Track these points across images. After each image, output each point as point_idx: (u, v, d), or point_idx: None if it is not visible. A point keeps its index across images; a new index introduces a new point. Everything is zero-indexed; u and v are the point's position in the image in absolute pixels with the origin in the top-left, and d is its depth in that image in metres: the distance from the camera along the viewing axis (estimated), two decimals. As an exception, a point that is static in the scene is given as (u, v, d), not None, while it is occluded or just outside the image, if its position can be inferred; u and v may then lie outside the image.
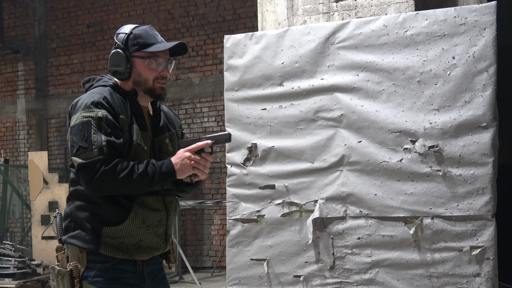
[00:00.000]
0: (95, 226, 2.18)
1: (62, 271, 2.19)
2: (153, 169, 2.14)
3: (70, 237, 2.22)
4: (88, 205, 2.19)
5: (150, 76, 2.27)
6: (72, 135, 2.16)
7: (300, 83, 4.05)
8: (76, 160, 2.12)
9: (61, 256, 2.25)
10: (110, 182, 2.09)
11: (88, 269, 2.19)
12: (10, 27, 10.67)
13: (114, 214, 2.18)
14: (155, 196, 2.26)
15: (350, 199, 3.91)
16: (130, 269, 2.24)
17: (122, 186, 2.11)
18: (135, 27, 2.32)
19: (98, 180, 2.08)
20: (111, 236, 2.17)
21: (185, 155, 2.18)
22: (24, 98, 10.50)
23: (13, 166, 10.16)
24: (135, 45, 2.27)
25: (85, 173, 2.10)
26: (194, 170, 2.19)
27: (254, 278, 4.16)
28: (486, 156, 3.62)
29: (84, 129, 2.13)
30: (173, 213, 2.36)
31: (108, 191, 2.14)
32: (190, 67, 9.12)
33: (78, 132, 2.14)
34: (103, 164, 2.09)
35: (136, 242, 2.21)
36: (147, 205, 2.22)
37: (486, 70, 3.63)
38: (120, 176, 2.09)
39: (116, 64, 2.28)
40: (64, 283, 2.17)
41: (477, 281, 3.63)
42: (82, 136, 2.12)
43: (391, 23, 3.83)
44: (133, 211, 2.19)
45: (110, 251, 2.18)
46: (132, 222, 2.19)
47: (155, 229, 2.26)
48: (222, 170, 8.76)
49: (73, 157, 2.15)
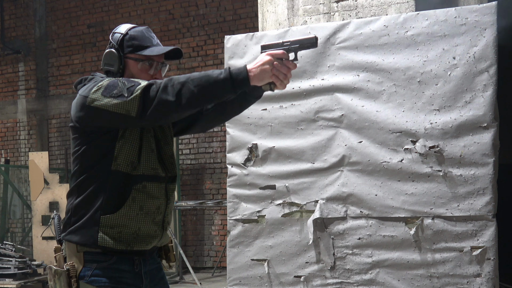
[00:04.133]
0: (94, 216, 2.16)
1: (59, 271, 2.18)
2: (218, 72, 1.98)
3: (68, 233, 2.21)
4: (88, 197, 2.18)
5: (142, 79, 2.23)
6: (106, 91, 2.04)
7: (300, 83, 4.05)
8: (137, 90, 1.99)
9: (59, 257, 2.25)
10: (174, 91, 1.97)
11: (85, 269, 2.18)
12: (11, 27, 10.68)
13: (112, 200, 2.15)
14: (159, 183, 2.24)
15: (351, 199, 3.91)
16: (127, 268, 2.23)
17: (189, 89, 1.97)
18: (131, 28, 2.30)
19: (161, 95, 1.96)
20: (109, 225, 2.16)
21: (265, 59, 1.99)
22: (25, 98, 10.50)
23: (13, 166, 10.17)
24: (129, 47, 2.25)
25: (146, 95, 1.98)
26: (272, 77, 1.99)
27: (254, 279, 4.16)
28: (486, 156, 3.62)
29: (117, 81, 2.07)
30: (172, 201, 2.34)
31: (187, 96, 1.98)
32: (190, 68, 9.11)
33: (111, 88, 2.04)
34: (154, 85, 1.99)
35: (135, 231, 2.20)
36: (147, 191, 2.21)
37: (486, 70, 3.63)
38: (189, 78, 1.98)
39: (109, 64, 2.26)
40: (61, 282, 2.17)
41: (477, 282, 3.63)
42: (122, 84, 2.04)
43: (392, 23, 3.83)
44: (130, 197, 2.17)
45: (108, 242, 2.17)
46: (130, 208, 2.17)
47: (153, 216, 2.24)
48: (223, 171, 8.76)
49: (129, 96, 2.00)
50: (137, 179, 2.18)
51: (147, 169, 2.19)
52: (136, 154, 2.17)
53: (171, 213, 2.38)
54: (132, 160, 2.16)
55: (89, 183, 2.18)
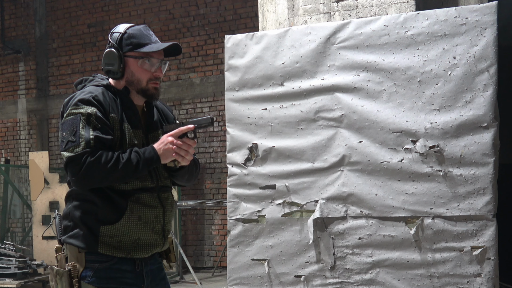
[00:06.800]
0: (93, 225, 2.17)
1: (60, 271, 2.18)
2: (137, 156, 2.15)
3: (69, 237, 2.22)
4: (85, 204, 2.19)
5: (143, 76, 2.27)
6: (62, 131, 2.19)
7: (301, 83, 4.05)
8: (64, 154, 2.14)
9: (60, 257, 2.25)
10: (96, 173, 2.10)
11: (86, 269, 2.18)
12: (11, 27, 10.68)
13: (110, 212, 2.17)
14: (150, 193, 2.26)
15: (351, 199, 3.91)
16: (128, 268, 2.23)
17: (108, 176, 2.11)
18: (130, 27, 2.31)
19: (84, 172, 2.09)
20: (109, 235, 2.17)
21: (167, 139, 2.19)
22: (25, 98, 10.50)
23: (14, 166, 10.17)
24: (128, 45, 2.27)
25: (72, 166, 2.11)
26: (175, 155, 2.19)
27: (254, 278, 4.16)
28: (487, 156, 3.62)
29: (74, 124, 2.15)
30: (170, 209, 2.36)
31: (95, 183, 2.14)
32: (191, 67, 9.11)
33: (67, 127, 2.17)
34: (89, 156, 2.10)
35: (134, 240, 2.21)
36: (142, 202, 2.22)
37: (487, 70, 3.63)
38: (105, 167, 2.09)
39: (110, 64, 2.28)
40: (63, 283, 2.17)
41: (478, 281, 3.63)
42: (71, 131, 2.15)
43: (392, 23, 3.83)
44: (128, 209, 2.19)
45: (108, 250, 2.18)
46: (129, 220, 2.19)
47: (152, 226, 2.26)
48: (223, 170, 8.76)
49: (62, 152, 2.17)
50: (129, 191, 2.21)
51: (135, 182, 2.23)
52: None
53: (171, 221, 2.39)
54: None
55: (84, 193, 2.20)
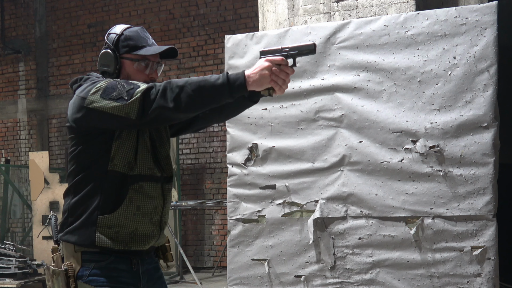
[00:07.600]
0: (91, 217, 2.16)
1: (56, 271, 2.18)
2: (224, 79, 2.00)
3: (66, 233, 2.21)
4: (85, 197, 2.19)
5: (138, 78, 2.25)
6: (108, 94, 2.05)
7: (301, 83, 4.05)
8: (137, 95, 2.01)
9: (56, 257, 2.25)
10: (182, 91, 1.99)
11: (83, 268, 2.18)
12: (11, 27, 10.68)
13: (109, 201, 2.16)
14: (155, 182, 2.24)
15: (351, 199, 3.91)
16: (125, 268, 2.23)
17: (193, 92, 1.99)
18: (126, 28, 2.31)
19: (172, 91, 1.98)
20: (107, 226, 2.16)
21: (264, 65, 2.01)
22: (25, 98, 10.50)
23: (14, 166, 10.17)
24: (125, 47, 2.26)
25: (155, 91, 2.00)
26: (271, 83, 2.02)
27: (255, 278, 4.16)
28: (487, 156, 3.62)
29: (115, 84, 2.08)
30: (169, 201, 2.36)
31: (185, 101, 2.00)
32: (191, 67, 9.11)
33: (113, 88, 2.06)
34: (154, 86, 2.01)
35: (132, 231, 2.20)
36: (144, 191, 2.21)
37: (487, 70, 3.63)
38: (182, 83, 2.00)
39: (105, 65, 2.27)
40: (59, 282, 2.17)
41: (478, 281, 3.63)
42: (120, 86, 2.06)
43: (392, 23, 3.83)
44: (127, 197, 2.18)
45: (105, 242, 2.17)
46: (127, 208, 2.17)
47: (150, 216, 2.25)
48: (223, 170, 8.76)
49: (130, 100, 2.01)
50: (134, 179, 2.18)
51: (143, 169, 2.20)
52: (133, 154, 2.17)
53: (168, 213, 2.38)
54: (129, 160, 2.16)
55: (85, 183, 2.19)
